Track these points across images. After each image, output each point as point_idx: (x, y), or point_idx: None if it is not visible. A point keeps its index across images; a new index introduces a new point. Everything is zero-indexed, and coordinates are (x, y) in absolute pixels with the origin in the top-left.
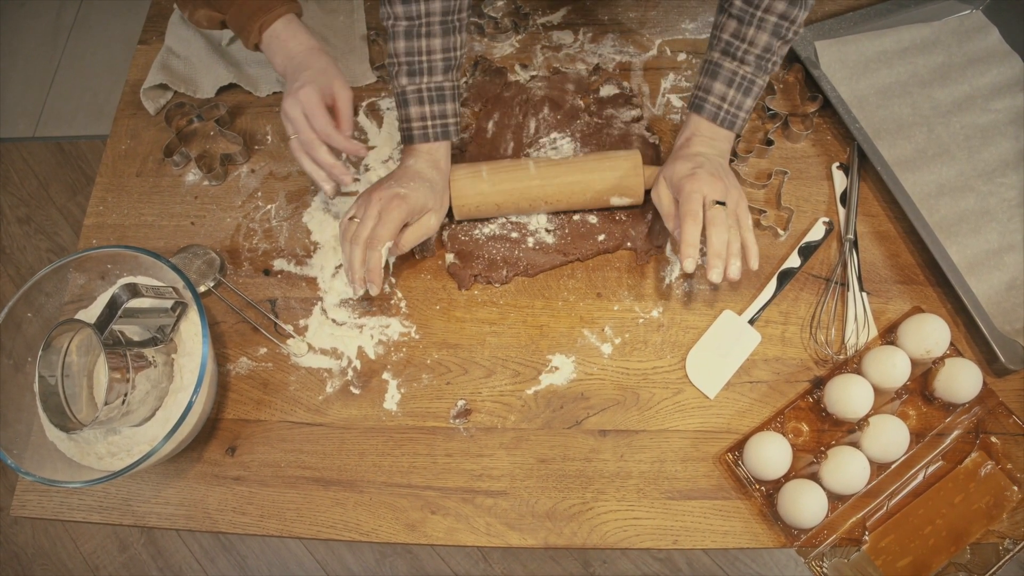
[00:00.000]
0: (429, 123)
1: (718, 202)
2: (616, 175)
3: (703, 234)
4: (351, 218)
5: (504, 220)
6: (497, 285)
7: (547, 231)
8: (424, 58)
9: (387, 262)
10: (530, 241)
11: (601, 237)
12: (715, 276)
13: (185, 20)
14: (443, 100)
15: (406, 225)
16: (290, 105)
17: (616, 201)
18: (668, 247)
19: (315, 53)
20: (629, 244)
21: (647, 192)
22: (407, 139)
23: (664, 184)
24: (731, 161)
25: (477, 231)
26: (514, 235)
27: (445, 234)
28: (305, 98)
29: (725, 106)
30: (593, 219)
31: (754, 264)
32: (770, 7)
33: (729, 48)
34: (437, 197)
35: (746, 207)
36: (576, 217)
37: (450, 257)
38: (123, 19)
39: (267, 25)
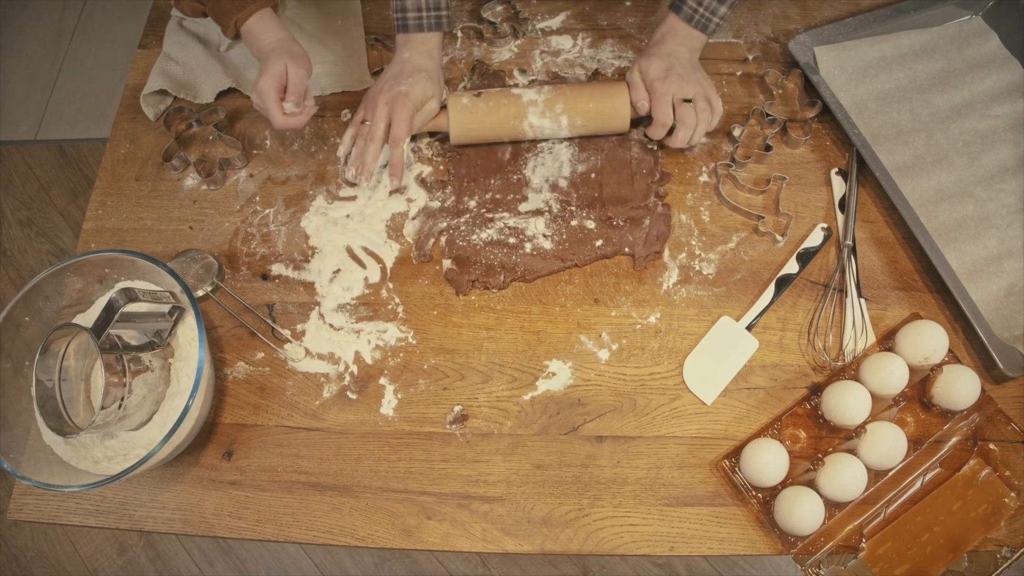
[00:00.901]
0: (424, 14)
1: (686, 100)
2: (604, 104)
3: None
4: (363, 121)
5: (502, 225)
6: (495, 291)
7: (544, 236)
8: None
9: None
10: (527, 247)
11: (599, 243)
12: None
13: (182, 25)
14: None
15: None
16: (254, 99)
17: (602, 126)
18: (666, 253)
19: (284, 43)
20: (627, 250)
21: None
22: (402, 28)
23: (636, 71)
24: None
25: (475, 236)
26: (512, 240)
27: (443, 239)
28: (263, 89)
29: (700, 10)
30: (591, 224)
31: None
32: None
33: None
34: (435, 84)
35: (715, 92)
36: (574, 223)
37: (447, 263)
38: (125, 22)
39: (241, 21)
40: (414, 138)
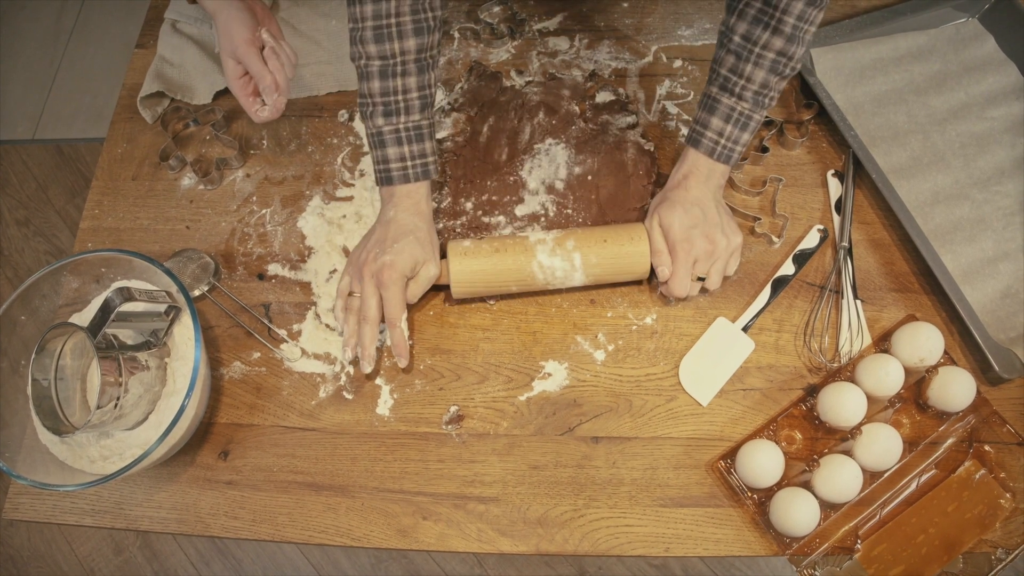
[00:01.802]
0: (409, 163)
1: (700, 278)
2: (623, 263)
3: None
4: (350, 294)
5: (499, 232)
6: (490, 302)
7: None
8: (401, 97)
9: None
10: None
11: None
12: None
13: (176, 28)
14: (421, 139)
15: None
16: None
17: (620, 276)
18: None
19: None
20: None
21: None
22: (385, 180)
23: (657, 225)
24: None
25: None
26: None
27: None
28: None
29: (723, 141)
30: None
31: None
32: (768, 44)
33: (727, 84)
34: (426, 247)
35: (736, 260)
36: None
37: None
38: (123, 22)
39: None
40: None
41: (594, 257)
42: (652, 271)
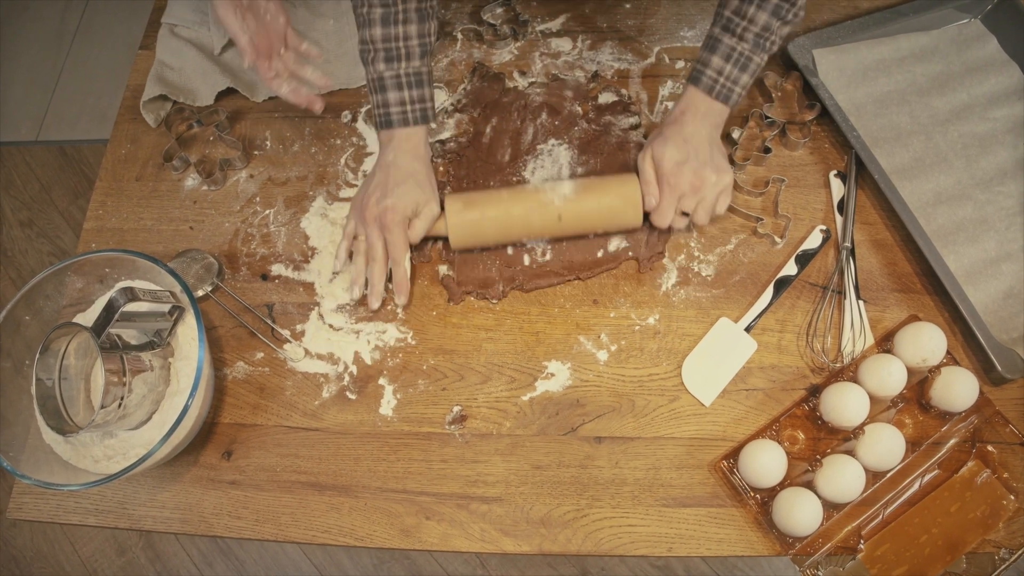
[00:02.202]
0: (408, 108)
1: (685, 213)
2: (616, 204)
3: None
4: (356, 237)
5: None
6: (493, 301)
7: (544, 247)
8: (402, 44)
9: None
10: (526, 259)
11: (600, 253)
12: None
13: (174, 32)
14: (421, 85)
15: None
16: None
17: (612, 226)
18: (664, 255)
19: None
20: (631, 253)
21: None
22: (385, 124)
23: (649, 158)
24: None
25: None
26: (509, 250)
27: (440, 243)
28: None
29: (721, 80)
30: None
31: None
32: None
33: (729, 24)
34: (426, 188)
35: (726, 198)
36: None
37: (443, 269)
38: (127, 24)
39: None
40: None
41: (586, 205)
42: (645, 217)
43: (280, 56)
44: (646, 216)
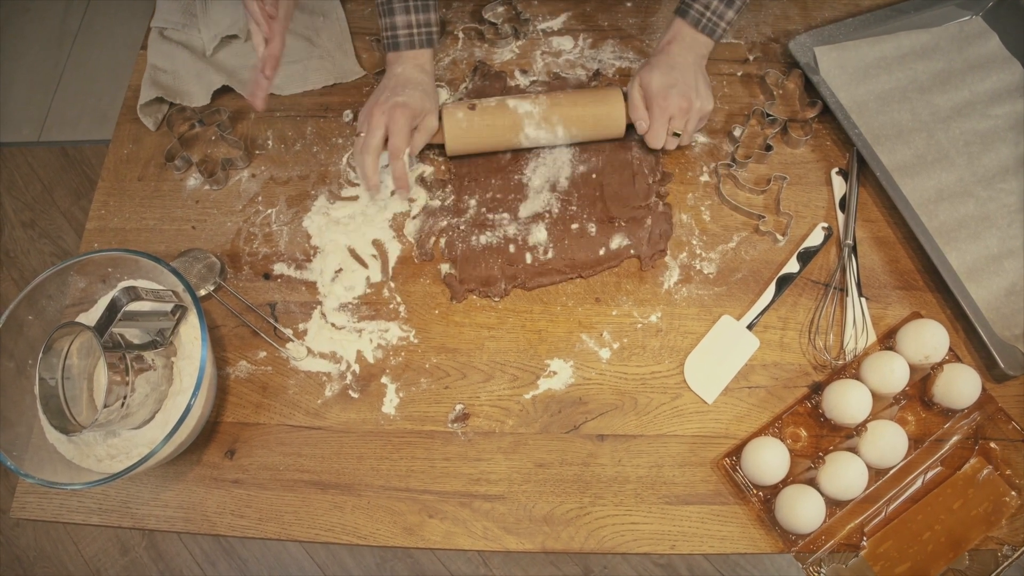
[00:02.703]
0: (415, 31)
1: (675, 133)
2: (599, 110)
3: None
4: (359, 134)
5: (503, 234)
6: (496, 299)
7: (546, 246)
8: None
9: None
10: (528, 257)
11: (602, 251)
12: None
13: (164, 35)
14: (427, 10)
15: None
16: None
17: (598, 132)
18: (667, 253)
19: None
20: (632, 252)
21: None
22: (392, 46)
23: (637, 85)
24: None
25: (474, 240)
26: (512, 249)
27: (442, 241)
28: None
29: (708, 14)
30: (593, 228)
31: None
32: None
33: None
34: (430, 98)
35: (709, 111)
36: (575, 226)
37: (445, 267)
38: (128, 24)
39: None
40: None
41: (575, 128)
42: (628, 128)
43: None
44: (630, 128)
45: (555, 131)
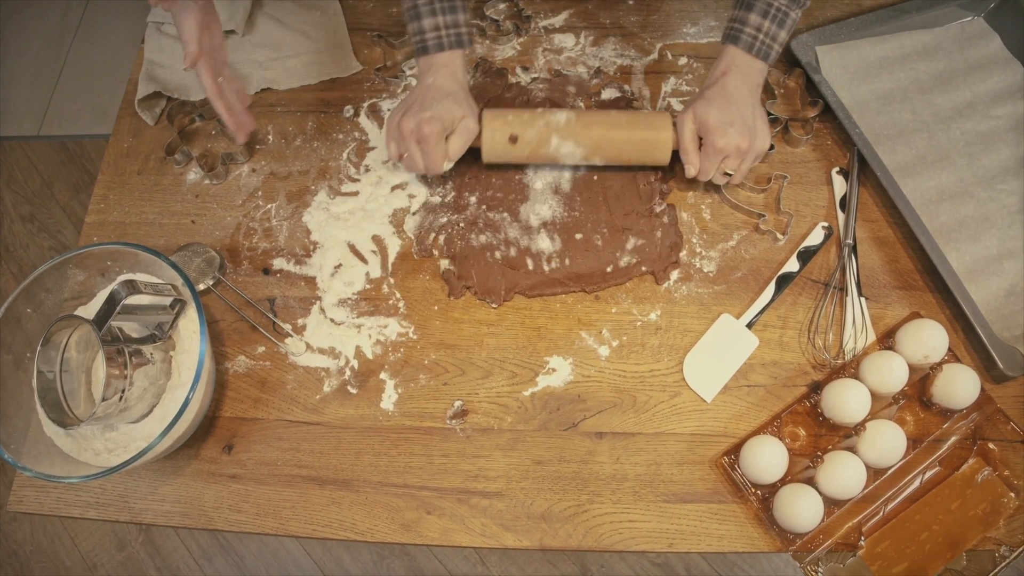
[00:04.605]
0: (443, 32)
1: (727, 173)
2: (648, 136)
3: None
4: (400, 157)
5: (503, 236)
6: (494, 306)
7: (550, 256)
8: None
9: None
10: (530, 263)
11: (610, 268)
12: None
13: (161, 30)
14: (455, 11)
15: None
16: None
17: (641, 159)
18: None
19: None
20: (644, 268)
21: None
22: (422, 51)
23: (691, 121)
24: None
25: (473, 238)
26: (513, 253)
27: (441, 238)
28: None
29: (761, 36)
30: (599, 240)
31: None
32: None
33: None
34: (464, 106)
35: (760, 157)
36: (579, 236)
37: (444, 263)
38: (128, 19)
39: None
40: None
41: (617, 148)
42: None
43: (221, 79)
44: (675, 155)
45: (593, 160)
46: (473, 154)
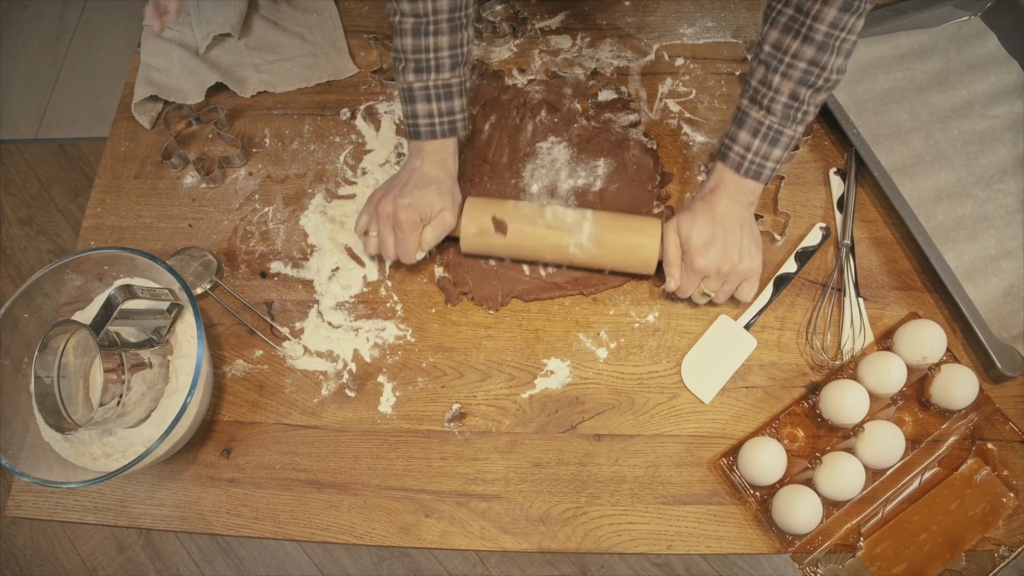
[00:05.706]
0: (436, 120)
1: (706, 293)
2: (634, 244)
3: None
4: (366, 233)
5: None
6: (491, 311)
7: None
8: (432, 55)
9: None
10: (526, 269)
11: (607, 272)
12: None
13: (157, 34)
14: (450, 97)
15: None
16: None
17: (627, 267)
18: None
19: None
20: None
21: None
22: (413, 135)
23: (675, 234)
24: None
25: None
26: (508, 258)
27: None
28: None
29: (750, 156)
30: None
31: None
32: (798, 53)
33: (756, 96)
34: (446, 196)
35: (751, 286)
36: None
37: (439, 270)
38: (126, 22)
39: None
40: None
41: (605, 252)
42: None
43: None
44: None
45: (574, 262)
46: (468, 157)
